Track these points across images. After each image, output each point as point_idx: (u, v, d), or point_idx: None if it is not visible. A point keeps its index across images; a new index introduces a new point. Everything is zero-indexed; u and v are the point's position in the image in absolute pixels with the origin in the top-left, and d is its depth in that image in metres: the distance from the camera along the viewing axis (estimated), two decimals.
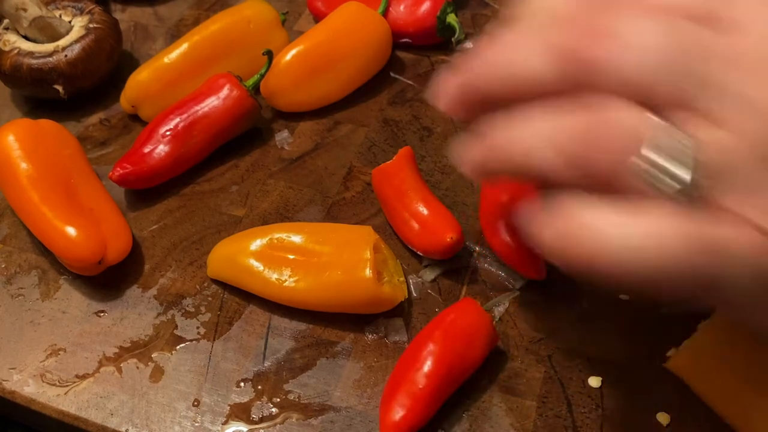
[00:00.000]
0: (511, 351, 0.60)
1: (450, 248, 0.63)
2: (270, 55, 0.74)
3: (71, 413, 0.57)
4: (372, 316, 0.61)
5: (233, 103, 0.72)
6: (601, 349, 0.60)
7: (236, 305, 0.63)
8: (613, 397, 0.57)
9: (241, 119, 0.73)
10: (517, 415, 0.56)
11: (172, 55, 0.77)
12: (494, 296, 0.63)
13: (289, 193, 0.72)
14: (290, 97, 0.77)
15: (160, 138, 0.71)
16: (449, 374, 0.54)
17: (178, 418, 0.56)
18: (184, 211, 0.71)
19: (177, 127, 0.71)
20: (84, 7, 0.81)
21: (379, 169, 0.67)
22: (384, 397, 0.55)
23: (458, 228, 0.63)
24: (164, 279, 0.65)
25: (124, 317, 0.63)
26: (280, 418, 0.56)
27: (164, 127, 0.71)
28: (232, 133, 0.74)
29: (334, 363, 0.59)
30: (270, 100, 0.78)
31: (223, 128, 0.73)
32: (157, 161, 0.70)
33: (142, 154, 0.70)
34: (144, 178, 0.70)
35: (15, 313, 0.63)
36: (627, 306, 0.62)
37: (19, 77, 0.76)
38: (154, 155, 0.70)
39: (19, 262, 0.67)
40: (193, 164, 0.73)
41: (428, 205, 0.65)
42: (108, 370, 0.59)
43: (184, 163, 0.72)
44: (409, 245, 0.65)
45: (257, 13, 0.79)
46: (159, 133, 0.71)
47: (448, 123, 0.78)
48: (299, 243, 0.62)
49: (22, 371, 0.59)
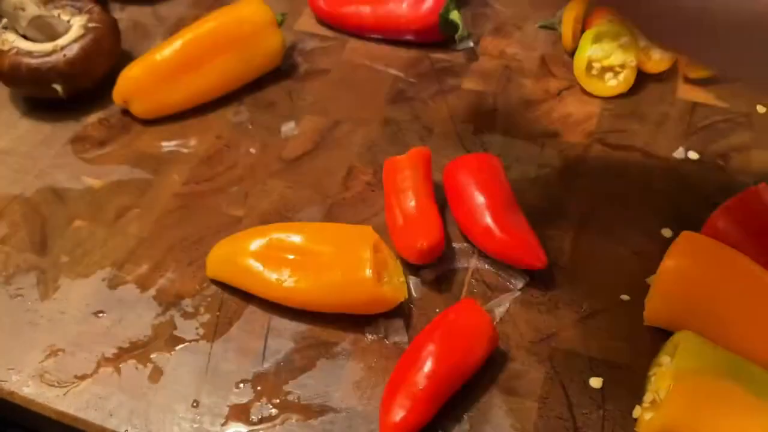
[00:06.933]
0: (511, 351, 0.60)
1: (421, 255, 0.62)
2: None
3: (70, 414, 0.57)
4: (372, 316, 0.61)
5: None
6: (602, 349, 0.60)
7: (236, 306, 0.63)
8: (614, 398, 0.57)
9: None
10: (517, 416, 0.56)
11: (165, 52, 0.77)
12: (494, 296, 0.63)
13: (289, 193, 0.72)
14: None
15: None
16: (449, 375, 0.54)
17: (177, 419, 0.56)
18: (183, 211, 0.70)
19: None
20: (83, 7, 0.80)
21: (390, 161, 0.68)
22: (384, 398, 0.55)
23: (436, 235, 0.62)
24: (163, 279, 0.65)
25: (123, 318, 0.62)
26: (279, 419, 0.56)
27: None
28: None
29: (334, 364, 0.59)
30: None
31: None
32: None
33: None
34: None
35: (14, 314, 0.63)
36: (627, 306, 0.62)
37: (17, 77, 0.76)
38: None
39: (17, 263, 0.67)
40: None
41: (420, 207, 0.64)
42: (107, 371, 0.59)
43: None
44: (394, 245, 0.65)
45: (252, 13, 0.79)
46: None
47: (448, 123, 0.78)
48: (299, 243, 0.61)
49: (21, 372, 0.59)
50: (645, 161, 0.74)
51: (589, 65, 0.79)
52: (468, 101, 0.80)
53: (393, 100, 0.80)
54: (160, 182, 0.73)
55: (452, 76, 0.83)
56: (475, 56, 0.86)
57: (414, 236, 0.62)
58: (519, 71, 0.84)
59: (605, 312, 0.62)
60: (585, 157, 0.74)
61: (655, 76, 0.82)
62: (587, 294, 0.63)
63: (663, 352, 0.56)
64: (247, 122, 0.79)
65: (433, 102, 0.80)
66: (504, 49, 0.86)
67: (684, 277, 0.56)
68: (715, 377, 0.51)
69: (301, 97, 0.81)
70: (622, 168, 0.73)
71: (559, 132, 0.77)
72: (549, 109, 0.79)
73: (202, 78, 0.78)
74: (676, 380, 0.51)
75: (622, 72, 0.79)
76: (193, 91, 0.78)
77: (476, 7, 0.92)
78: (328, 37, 0.88)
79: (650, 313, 0.59)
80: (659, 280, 0.57)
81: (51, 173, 0.74)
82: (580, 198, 0.70)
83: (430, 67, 0.84)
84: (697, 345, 0.53)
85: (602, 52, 0.79)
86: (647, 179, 0.72)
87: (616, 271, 0.65)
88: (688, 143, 0.75)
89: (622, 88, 0.80)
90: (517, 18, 0.90)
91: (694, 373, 0.51)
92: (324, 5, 0.88)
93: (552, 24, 0.89)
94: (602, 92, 0.80)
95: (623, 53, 0.78)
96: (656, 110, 0.79)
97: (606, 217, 0.69)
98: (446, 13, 0.83)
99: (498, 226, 0.63)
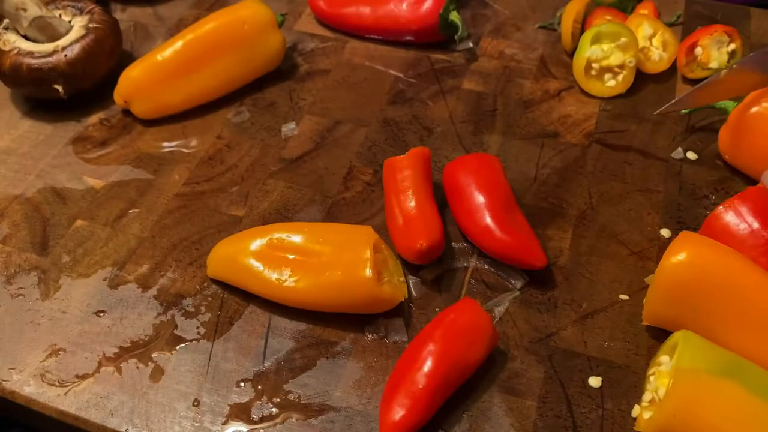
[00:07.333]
0: (511, 351, 0.60)
1: (421, 255, 0.63)
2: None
3: (71, 413, 0.57)
4: (372, 316, 0.61)
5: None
6: (601, 349, 0.60)
7: (236, 305, 0.63)
8: (614, 397, 0.57)
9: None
10: (517, 415, 0.56)
11: (166, 52, 0.78)
12: (494, 296, 0.63)
13: (289, 193, 0.72)
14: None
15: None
16: (449, 374, 0.54)
17: (178, 418, 0.56)
18: (184, 211, 0.71)
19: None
20: (84, 7, 0.81)
21: (390, 161, 0.68)
22: (384, 397, 0.55)
23: (436, 235, 0.63)
24: (164, 279, 0.65)
25: (123, 317, 0.63)
26: (280, 418, 0.56)
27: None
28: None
29: (334, 363, 0.59)
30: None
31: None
32: None
33: None
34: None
35: (15, 313, 0.63)
36: (626, 305, 0.62)
37: (18, 77, 0.76)
38: None
39: (18, 262, 0.67)
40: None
41: (420, 207, 0.65)
42: (108, 370, 0.59)
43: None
44: (394, 245, 0.65)
45: (253, 14, 0.79)
46: None
47: (448, 123, 0.78)
48: (299, 243, 0.62)
49: (22, 371, 0.59)
50: (644, 161, 0.74)
51: (588, 66, 0.79)
52: (468, 101, 0.81)
53: (393, 100, 0.81)
54: (161, 182, 0.73)
55: (452, 77, 0.83)
56: (475, 57, 0.86)
57: (414, 236, 0.63)
58: (518, 72, 0.84)
59: (604, 312, 0.62)
60: (584, 158, 0.74)
61: (653, 76, 0.82)
62: (586, 294, 0.63)
63: (662, 352, 0.56)
64: (248, 122, 0.79)
65: (433, 102, 0.80)
66: (503, 50, 0.87)
67: (682, 277, 0.56)
68: (715, 377, 0.51)
69: (301, 98, 0.81)
70: (620, 168, 0.73)
71: (559, 132, 0.77)
72: (548, 110, 0.79)
73: (202, 78, 0.78)
74: (675, 379, 0.51)
75: (621, 72, 0.80)
76: (194, 91, 0.79)
77: (476, 8, 0.92)
78: (328, 38, 0.89)
79: (648, 313, 0.59)
80: (657, 280, 0.57)
81: (52, 173, 0.74)
82: (580, 198, 0.71)
83: (430, 68, 0.84)
84: (697, 344, 0.53)
85: (601, 52, 0.79)
86: (646, 179, 0.72)
87: (616, 271, 0.65)
88: (687, 144, 0.75)
89: (621, 88, 0.80)
90: (517, 18, 0.91)
91: (693, 372, 0.51)
92: (324, 6, 0.89)
93: (551, 24, 0.89)
94: (601, 92, 0.80)
95: (622, 54, 0.79)
96: (655, 111, 0.79)
97: (605, 217, 0.69)
98: (446, 14, 0.83)
99: (498, 226, 0.63)
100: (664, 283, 0.57)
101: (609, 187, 0.72)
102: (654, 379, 0.55)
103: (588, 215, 0.69)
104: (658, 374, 0.55)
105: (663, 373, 0.55)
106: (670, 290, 0.57)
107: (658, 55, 0.81)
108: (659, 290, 0.57)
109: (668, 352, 0.55)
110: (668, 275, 0.57)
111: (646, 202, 0.70)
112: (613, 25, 0.79)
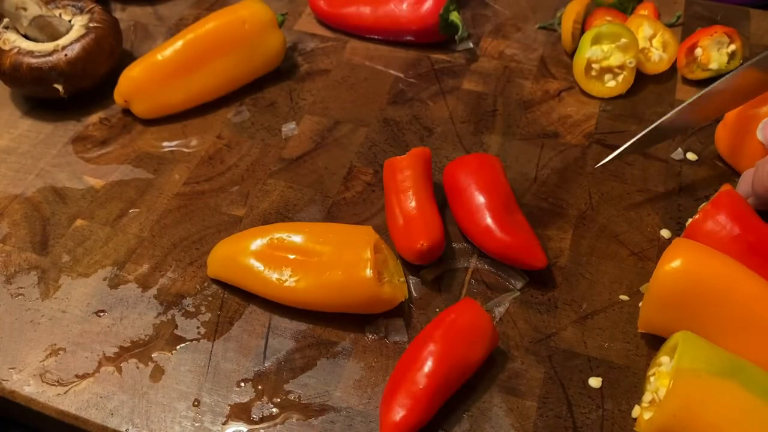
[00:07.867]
0: (511, 351, 0.60)
1: (421, 255, 0.63)
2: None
3: (71, 413, 0.57)
4: (372, 316, 0.61)
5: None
6: (601, 349, 0.60)
7: (236, 305, 0.63)
8: (614, 397, 0.57)
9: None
10: (517, 416, 0.56)
11: (166, 52, 0.78)
12: (494, 296, 0.63)
13: (289, 193, 0.72)
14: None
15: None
16: (450, 374, 0.54)
17: (178, 417, 0.56)
18: (184, 210, 0.71)
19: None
20: (84, 6, 0.80)
21: (390, 161, 0.68)
22: (384, 397, 0.55)
23: (436, 235, 0.63)
24: (164, 279, 0.65)
25: (124, 317, 0.63)
26: (280, 418, 0.56)
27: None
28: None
29: (335, 363, 0.59)
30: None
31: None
32: None
33: None
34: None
35: (15, 313, 0.63)
36: (626, 306, 0.63)
37: (18, 76, 0.76)
38: None
39: (18, 262, 0.67)
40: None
41: (420, 207, 0.65)
42: (108, 370, 0.59)
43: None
44: (394, 245, 0.65)
45: (253, 14, 0.79)
46: None
47: (448, 123, 0.78)
48: (299, 243, 0.62)
49: (22, 371, 0.59)
50: (644, 162, 0.74)
51: (589, 66, 0.79)
52: (468, 101, 0.81)
53: (393, 100, 0.81)
54: (161, 182, 0.73)
55: (452, 77, 0.83)
56: (475, 57, 0.86)
57: (414, 236, 0.63)
58: (518, 72, 0.84)
59: (604, 312, 0.62)
60: (584, 158, 0.75)
61: (653, 77, 0.82)
62: (586, 294, 0.63)
63: (662, 352, 0.56)
64: (248, 122, 0.79)
65: (433, 102, 0.80)
66: (503, 50, 0.87)
67: (677, 284, 0.56)
68: (715, 377, 0.51)
69: (302, 98, 0.81)
70: (620, 169, 0.74)
71: (559, 132, 0.77)
72: (548, 110, 0.79)
73: (202, 78, 0.78)
74: (675, 380, 0.51)
75: (621, 73, 0.80)
76: (194, 91, 0.79)
77: (476, 8, 0.92)
78: (328, 38, 0.89)
79: (644, 321, 0.59)
80: (653, 288, 0.57)
81: (52, 173, 0.74)
82: (580, 198, 0.71)
83: (430, 68, 0.84)
84: (697, 345, 0.53)
85: (601, 53, 0.79)
86: (646, 180, 0.72)
87: (616, 272, 0.65)
88: (687, 144, 0.76)
89: (621, 89, 0.80)
90: (517, 19, 0.91)
91: (693, 373, 0.51)
92: (324, 5, 0.89)
93: (551, 25, 0.89)
94: (601, 93, 0.80)
95: (622, 54, 0.79)
96: (655, 111, 0.79)
97: (605, 217, 0.69)
98: (446, 14, 0.83)
99: (498, 226, 0.63)
100: (659, 291, 0.56)
101: (609, 188, 0.72)
102: (654, 379, 0.55)
103: (588, 216, 0.69)
104: (658, 375, 0.55)
105: (663, 374, 0.55)
106: (665, 297, 0.56)
107: (658, 56, 0.81)
108: (654, 298, 0.57)
109: (668, 353, 0.55)
110: (663, 283, 0.56)
111: (646, 202, 0.70)
112: (614, 25, 0.79)
